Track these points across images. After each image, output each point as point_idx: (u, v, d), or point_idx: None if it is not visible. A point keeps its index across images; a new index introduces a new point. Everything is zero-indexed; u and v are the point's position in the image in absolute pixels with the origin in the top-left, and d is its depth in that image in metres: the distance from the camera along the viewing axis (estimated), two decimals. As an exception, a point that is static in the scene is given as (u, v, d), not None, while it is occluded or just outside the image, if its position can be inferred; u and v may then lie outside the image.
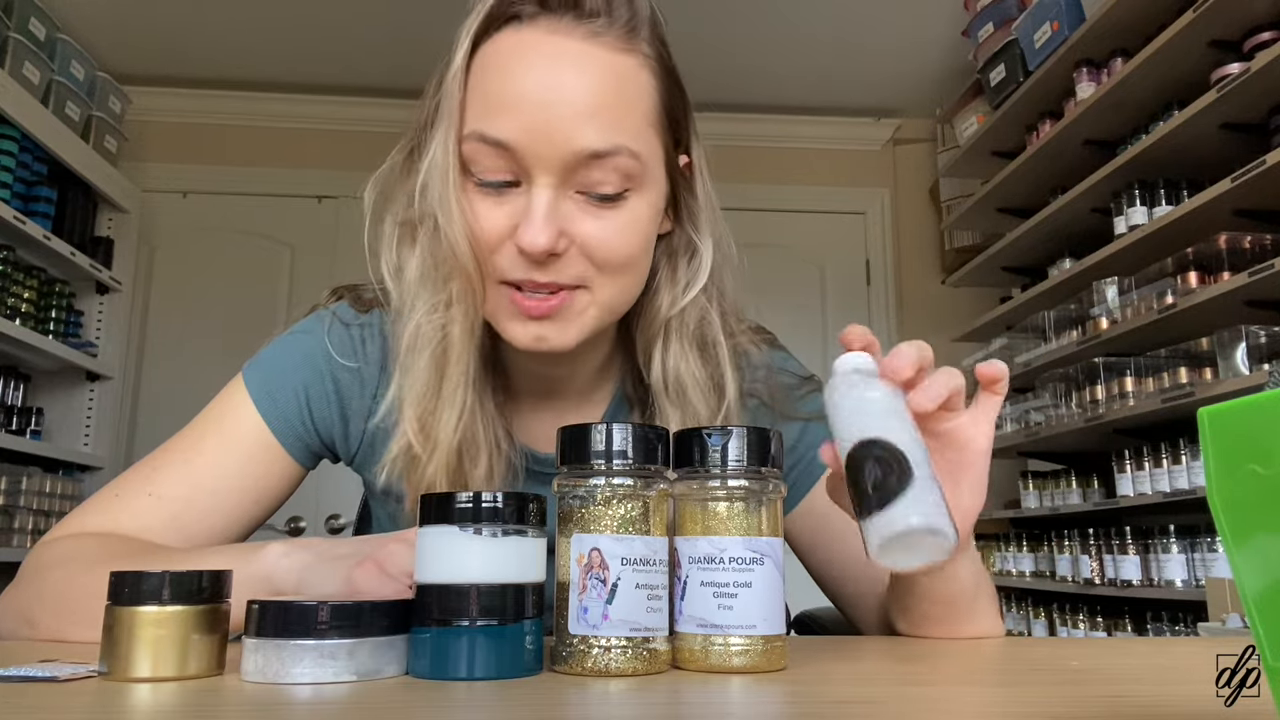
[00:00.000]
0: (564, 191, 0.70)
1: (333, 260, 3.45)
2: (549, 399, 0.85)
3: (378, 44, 3.29)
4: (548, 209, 0.69)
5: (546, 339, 0.73)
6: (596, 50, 0.70)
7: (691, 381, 0.79)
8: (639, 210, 0.73)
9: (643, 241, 0.75)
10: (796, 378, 0.90)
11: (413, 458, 0.76)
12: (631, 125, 0.71)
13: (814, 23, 3.21)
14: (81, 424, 3.21)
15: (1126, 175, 2.51)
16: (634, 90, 0.72)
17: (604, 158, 0.69)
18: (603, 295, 0.73)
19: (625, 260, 0.73)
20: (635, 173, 0.71)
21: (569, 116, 0.68)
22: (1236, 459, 0.32)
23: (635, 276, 0.76)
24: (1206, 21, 2.14)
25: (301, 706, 0.45)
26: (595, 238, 0.71)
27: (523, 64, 0.70)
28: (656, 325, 0.81)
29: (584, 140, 0.68)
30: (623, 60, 0.71)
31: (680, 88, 0.78)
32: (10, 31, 2.70)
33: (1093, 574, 2.61)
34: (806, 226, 3.78)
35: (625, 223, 0.72)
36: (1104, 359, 2.53)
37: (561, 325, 0.73)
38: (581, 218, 0.71)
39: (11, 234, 2.75)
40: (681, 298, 0.80)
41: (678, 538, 0.56)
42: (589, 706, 0.46)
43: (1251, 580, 0.32)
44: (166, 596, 0.51)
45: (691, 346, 0.80)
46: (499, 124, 0.69)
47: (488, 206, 0.71)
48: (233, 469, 0.80)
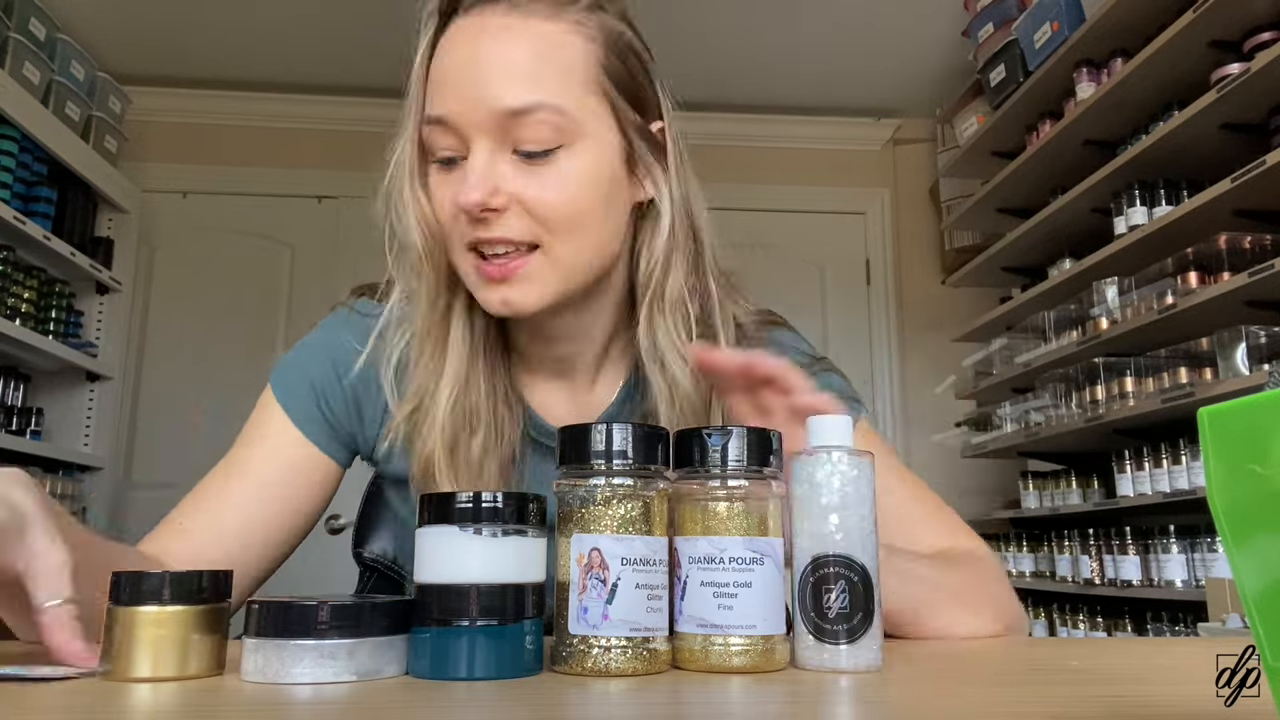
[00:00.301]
0: (500, 154, 0.74)
1: (333, 260, 3.45)
2: (563, 377, 0.87)
3: (378, 44, 3.28)
4: (481, 169, 0.73)
5: (510, 301, 0.75)
6: (518, 22, 0.75)
7: (670, 350, 0.80)
8: (573, 166, 0.75)
9: (584, 198, 0.76)
10: (807, 357, 0.90)
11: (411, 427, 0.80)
12: (555, 84, 0.74)
13: (814, 23, 3.21)
14: (81, 424, 3.21)
15: (1126, 175, 2.51)
16: (559, 53, 0.76)
17: (525, 114, 0.73)
18: (557, 253, 0.75)
19: (568, 216, 0.75)
20: (565, 128, 0.74)
21: (489, 81, 0.73)
22: (1236, 459, 0.32)
23: (590, 235, 0.77)
24: (1206, 21, 2.14)
25: (301, 706, 0.45)
26: (531, 194, 0.74)
27: (454, 46, 0.76)
28: (642, 294, 0.83)
29: (504, 100, 0.72)
30: (546, 26, 0.76)
31: (638, 57, 0.81)
32: (10, 31, 2.70)
33: (1093, 574, 2.61)
34: (806, 226, 3.78)
35: (559, 178, 0.74)
36: (1104, 359, 2.53)
37: (523, 288, 0.75)
38: (516, 175, 0.74)
39: (11, 234, 2.75)
40: (654, 257, 0.81)
41: (678, 538, 0.56)
42: (589, 706, 0.46)
43: (1251, 580, 0.32)
44: (166, 596, 0.51)
45: (671, 313, 0.82)
46: (437, 102, 0.75)
47: (441, 184, 0.76)
48: (273, 477, 0.83)
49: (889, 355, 3.74)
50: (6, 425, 2.88)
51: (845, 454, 0.57)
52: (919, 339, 3.73)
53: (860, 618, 0.55)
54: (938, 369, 3.54)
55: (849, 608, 0.55)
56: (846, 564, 0.55)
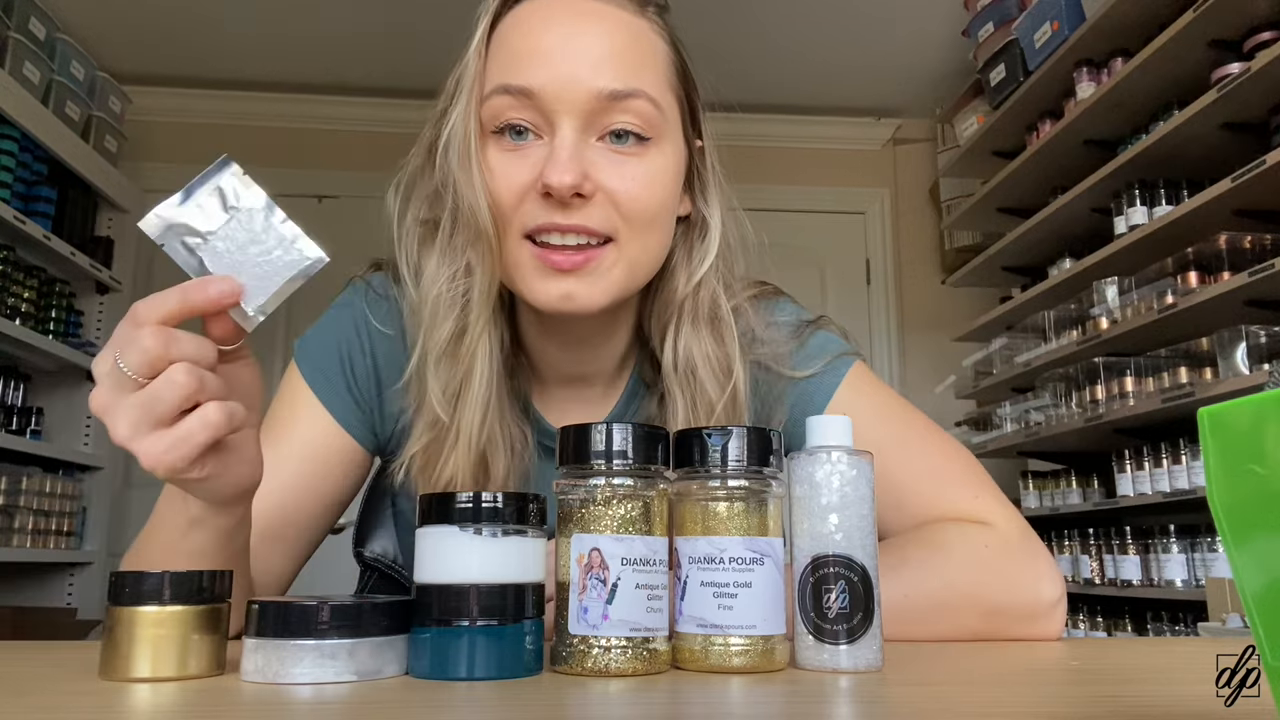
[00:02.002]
0: (586, 139, 0.71)
1: (333, 260, 3.44)
2: (575, 386, 0.85)
3: (378, 44, 3.29)
4: (573, 148, 0.70)
5: (574, 296, 0.71)
6: (612, 9, 0.74)
7: (703, 361, 0.79)
8: (661, 162, 0.74)
9: (666, 197, 0.75)
10: (799, 323, 0.87)
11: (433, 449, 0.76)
12: (651, 76, 0.74)
13: (814, 22, 3.21)
14: (81, 424, 3.21)
15: (1126, 175, 2.51)
16: (650, 48, 0.75)
17: (624, 99, 0.71)
18: (630, 250, 0.73)
19: (652, 212, 0.73)
20: (656, 121, 0.73)
21: (589, 62, 0.71)
22: (1236, 459, 0.32)
23: (659, 235, 0.76)
24: (1206, 21, 2.14)
25: (301, 706, 0.45)
26: (620, 185, 0.71)
27: (544, 22, 0.72)
28: (672, 307, 0.81)
29: (604, 81, 0.70)
30: (636, 21, 0.75)
31: (690, 73, 0.81)
32: (10, 31, 2.70)
33: (1093, 574, 2.61)
34: (806, 226, 3.77)
35: (648, 172, 0.73)
36: (1104, 359, 2.53)
37: (590, 281, 0.71)
38: (605, 164, 0.71)
39: (11, 234, 2.75)
40: (696, 273, 0.80)
41: (678, 538, 0.56)
42: (589, 706, 0.46)
43: (1251, 580, 0.32)
44: (166, 596, 0.51)
45: (704, 326, 0.80)
46: (524, 74, 0.71)
47: (507, 161, 0.72)
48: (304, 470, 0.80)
49: (889, 355, 3.75)
50: (6, 425, 2.88)
51: (845, 454, 0.57)
52: (919, 339, 3.73)
53: (860, 618, 0.55)
54: (938, 369, 3.54)
55: (849, 608, 0.55)
56: (846, 564, 0.55)
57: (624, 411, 0.86)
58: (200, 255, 0.55)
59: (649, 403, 0.85)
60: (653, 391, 0.86)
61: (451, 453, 0.75)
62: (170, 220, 0.55)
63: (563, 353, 0.83)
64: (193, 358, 0.54)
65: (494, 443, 0.76)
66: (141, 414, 0.53)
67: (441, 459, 0.75)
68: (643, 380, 0.87)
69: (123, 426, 0.54)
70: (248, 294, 0.55)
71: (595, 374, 0.85)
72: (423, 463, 0.76)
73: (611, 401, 0.86)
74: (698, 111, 0.81)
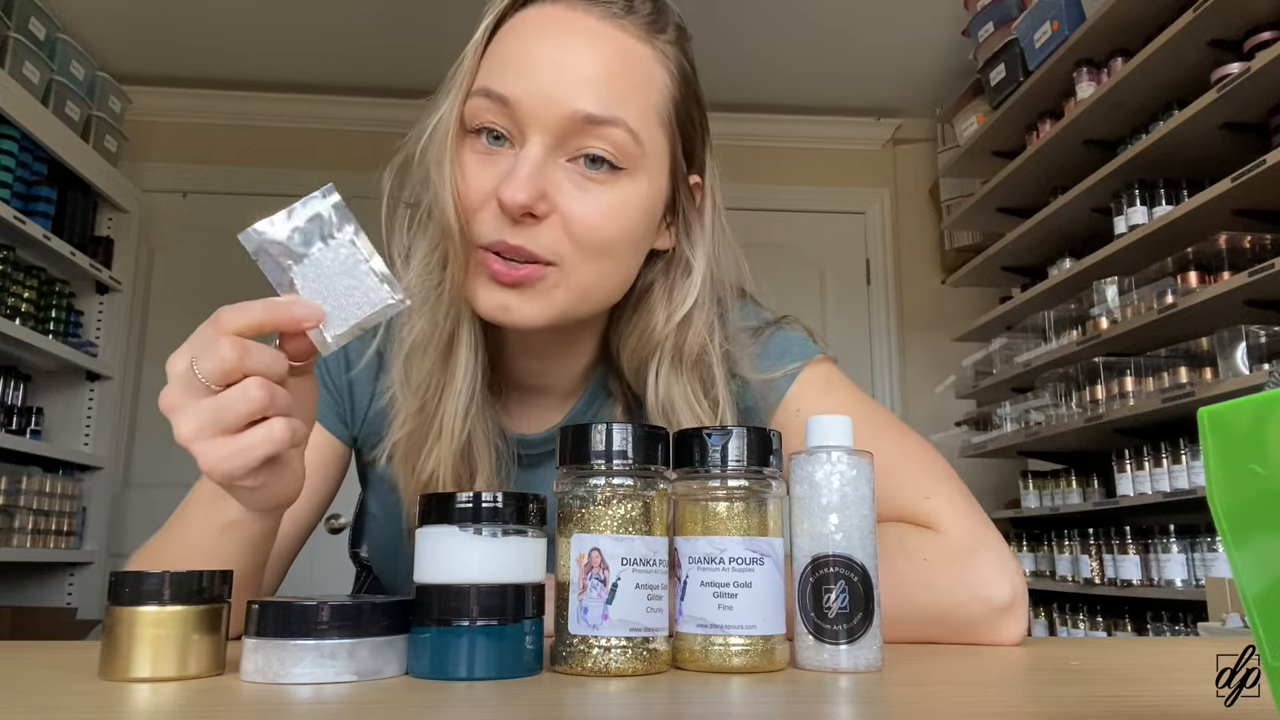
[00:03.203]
0: (555, 158, 0.70)
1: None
2: (536, 394, 0.85)
3: (378, 44, 3.29)
4: (533, 166, 0.68)
5: (510, 309, 0.71)
6: (612, 30, 0.72)
7: (685, 405, 0.77)
8: (629, 195, 0.72)
9: (627, 229, 0.73)
10: (750, 329, 0.85)
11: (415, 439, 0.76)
12: (635, 107, 0.71)
13: (814, 23, 3.21)
14: (81, 424, 3.21)
15: (1126, 175, 2.51)
16: (643, 76, 0.73)
17: (600, 125, 0.69)
18: (575, 278, 0.71)
19: (604, 242, 0.71)
20: (631, 153, 0.71)
21: (572, 82, 0.69)
22: (1236, 459, 0.32)
23: (613, 266, 0.74)
24: (1206, 21, 2.14)
25: (301, 706, 0.45)
26: (577, 210, 0.70)
27: (538, 32, 0.71)
28: (650, 344, 0.79)
29: (582, 103, 0.69)
30: (637, 47, 0.73)
31: (699, 105, 0.79)
32: (10, 31, 2.70)
33: (1093, 574, 2.61)
34: (806, 226, 3.77)
35: (612, 203, 0.71)
36: (1104, 359, 2.53)
37: (529, 298, 0.71)
38: (568, 186, 0.70)
39: (11, 234, 2.75)
40: (676, 314, 0.78)
41: (678, 538, 0.56)
42: (589, 706, 0.46)
43: (1251, 580, 0.32)
44: (166, 596, 0.51)
45: (687, 371, 0.78)
46: (504, 80, 0.70)
47: (478, 164, 0.71)
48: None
49: (889, 355, 3.75)
50: (6, 425, 2.88)
51: (845, 454, 0.57)
52: (919, 339, 3.73)
53: (860, 618, 0.55)
54: (938, 369, 3.54)
55: (849, 608, 0.55)
56: (846, 564, 0.55)
57: (582, 414, 0.85)
58: (292, 276, 0.58)
59: (609, 411, 0.85)
60: (618, 400, 0.85)
61: (435, 444, 0.75)
62: (268, 238, 0.58)
63: (522, 360, 0.82)
64: (266, 372, 0.56)
65: (476, 438, 0.76)
66: (210, 419, 0.55)
67: (425, 449, 0.75)
68: (604, 388, 0.86)
69: (188, 428, 0.55)
70: (328, 321, 0.57)
71: (553, 385, 0.84)
72: (405, 451, 0.76)
73: (568, 407, 0.85)
74: (696, 148, 0.79)
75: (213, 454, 0.55)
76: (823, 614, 0.55)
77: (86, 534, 3.16)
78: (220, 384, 0.55)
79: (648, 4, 0.74)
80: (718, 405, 0.79)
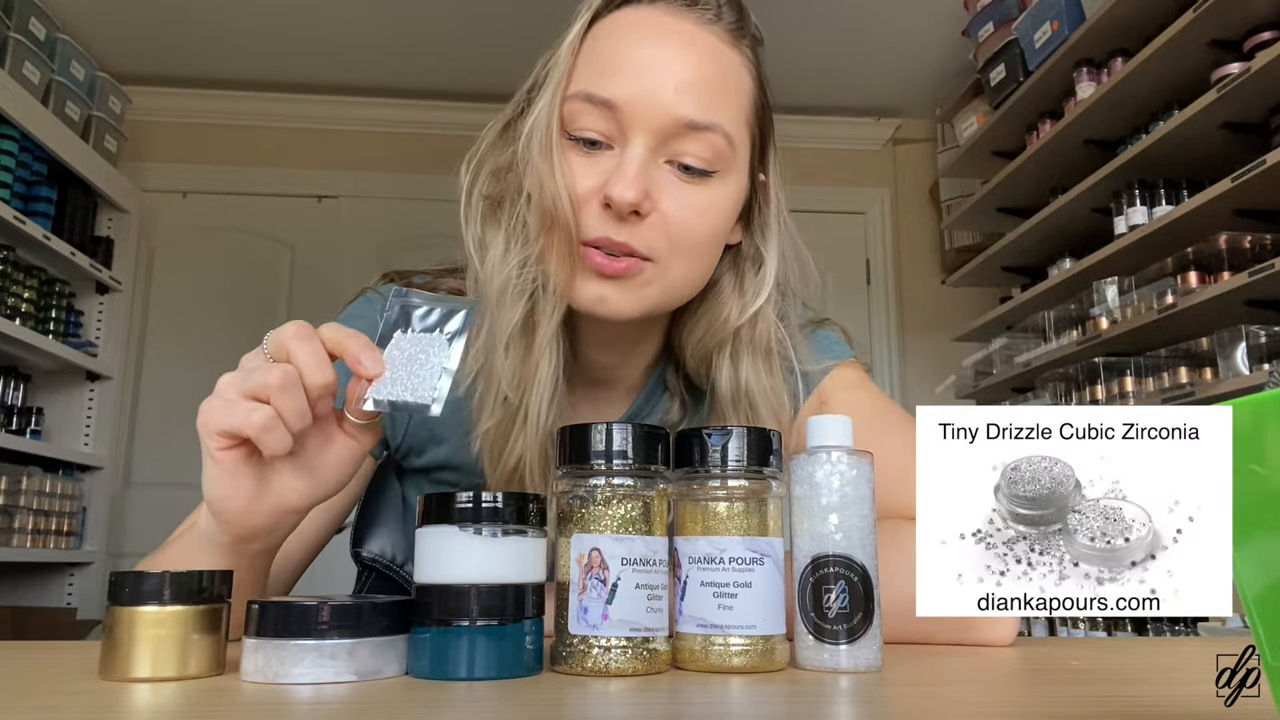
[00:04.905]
0: (655, 159, 0.73)
1: (333, 260, 3.45)
2: (600, 388, 0.86)
3: (377, 44, 3.29)
4: (640, 165, 0.71)
5: (607, 301, 0.73)
6: (707, 36, 0.75)
7: (761, 395, 0.80)
8: (720, 196, 0.75)
9: (719, 228, 0.76)
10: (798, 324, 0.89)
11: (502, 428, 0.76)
12: (730, 111, 0.75)
13: (813, 23, 3.21)
14: (81, 424, 3.20)
15: (1126, 175, 2.50)
16: (735, 82, 0.76)
17: (700, 131, 0.72)
18: (669, 274, 0.74)
19: (699, 241, 0.75)
20: (726, 156, 0.74)
21: (674, 87, 0.72)
22: (1237, 459, 0.32)
23: (701, 264, 0.77)
24: (1206, 21, 2.14)
25: (301, 706, 0.45)
26: (677, 210, 0.73)
27: (638, 35, 0.74)
28: (721, 335, 0.81)
29: (685, 109, 0.72)
30: (728, 53, 0.76)
31: (769, 108, 0.82)
32: (10, 31, 2.70)
33: (1093, 574, 2.60)
34: (806, 226, 3.74)
35: (708, 203, 0.74)
36: (1104, 359, 2.53)
37: (625, 291, 0.73)
38: (668, 187, 0.73)
39: (11, 234, 2.75)
40: (750, 306, 0.81)
41: (678, 538, 0.56)
42: (589, 706, 0.46)
43: (1251, 580, 0.32)
44: (166, 596, 0.51)
45: (761, 359, 0.81)
46: (607, 84, 0.72)
47: (577, 163, 0.73)
48: None
49: (889, 355, 3.75)
50: (6, 425, 2.88)
51: (845, 454, 0.57)
52: (919, 339, 3.73)
53: (860, 618, 0.55)
54: (938, 369, 3.54)
55: (849, 608, 0.55)
56: (846, 564, 0.55)
57: (641, 409, 0.87)
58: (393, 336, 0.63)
59: (667, 406, 0.87)
60: (676, 397, 0.87)
61: (521, 433, 0.76)
62: (404, 302, 0.63)
63: (594, 353, 0.84)
64: (303, 366, 0.58)
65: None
66: (236, 377, 0.59)
67: (511, 438, 0.76)
68: (663, 383, 0.88)
69: (223, 380, 0.59)
70: (377, 385, 0.60)
71: (620, 379, 0.86)
72: (492, 440, 0.77)
73: (629, 402, 0.87)
74: (769, 148, 0.83)
75: (211, 402, 0.58)
76: (823, 614, 0.55)
77: (86, 534, 3.15)
78: (272, 356, 0.59)
79: (734, 10, 0.78)
80: (782, 394, 0.82)
